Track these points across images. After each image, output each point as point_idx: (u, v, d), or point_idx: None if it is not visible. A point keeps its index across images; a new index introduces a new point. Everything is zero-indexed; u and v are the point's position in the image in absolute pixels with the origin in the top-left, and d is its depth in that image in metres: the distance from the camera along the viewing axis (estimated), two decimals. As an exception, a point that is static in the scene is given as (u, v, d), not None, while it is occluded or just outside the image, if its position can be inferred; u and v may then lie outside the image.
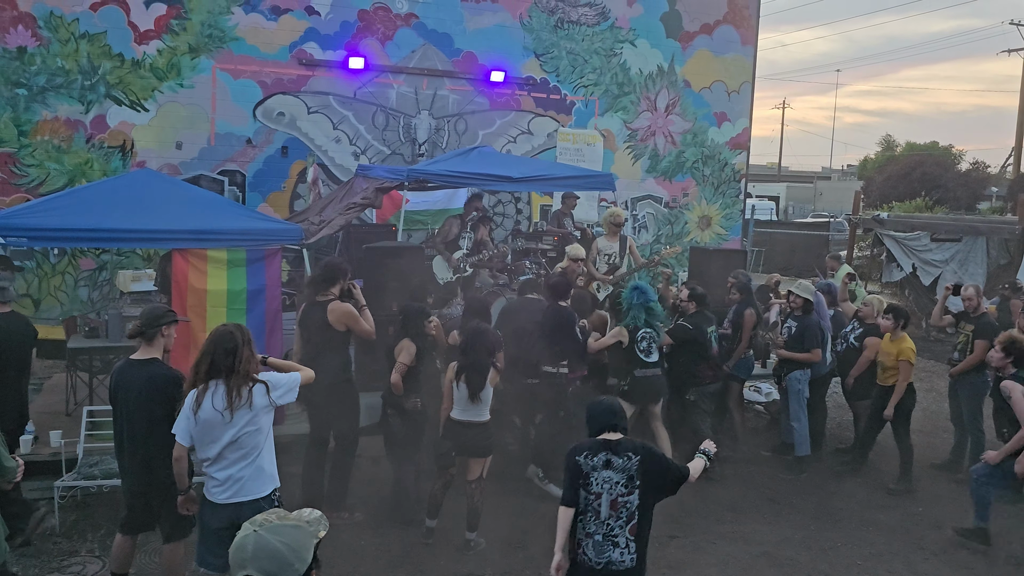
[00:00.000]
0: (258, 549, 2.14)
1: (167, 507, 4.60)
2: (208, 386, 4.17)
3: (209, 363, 4.17)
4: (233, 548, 2.20)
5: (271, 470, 4.32)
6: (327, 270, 6.12)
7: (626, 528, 3.92)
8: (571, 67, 12.67)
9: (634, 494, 3.93)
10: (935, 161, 36.68)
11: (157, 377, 4.54)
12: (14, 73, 10.03)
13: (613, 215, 9.34)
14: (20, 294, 10.10)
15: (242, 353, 4.19)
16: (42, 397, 8.35)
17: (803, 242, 22.92)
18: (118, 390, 4.59)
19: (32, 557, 5.46)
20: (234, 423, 4.14)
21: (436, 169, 8.54)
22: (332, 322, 5.93)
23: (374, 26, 11.57)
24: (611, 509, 3.92)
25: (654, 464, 3.99)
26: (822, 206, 41.16)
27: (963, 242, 13.68)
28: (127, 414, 4.56)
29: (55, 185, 10.21)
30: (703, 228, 13.80)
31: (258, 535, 2.16)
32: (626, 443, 4.03)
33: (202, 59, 10.78)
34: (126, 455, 4.63)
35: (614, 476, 3.94)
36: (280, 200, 11.28)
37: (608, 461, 3.96)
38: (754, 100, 13.90)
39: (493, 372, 5.78)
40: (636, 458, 3.95)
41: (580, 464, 3.98)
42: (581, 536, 3.97)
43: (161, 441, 4.45)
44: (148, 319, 4.62)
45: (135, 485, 4.68)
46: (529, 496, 6.65)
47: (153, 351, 4.62)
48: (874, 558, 6.09)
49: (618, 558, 3.93)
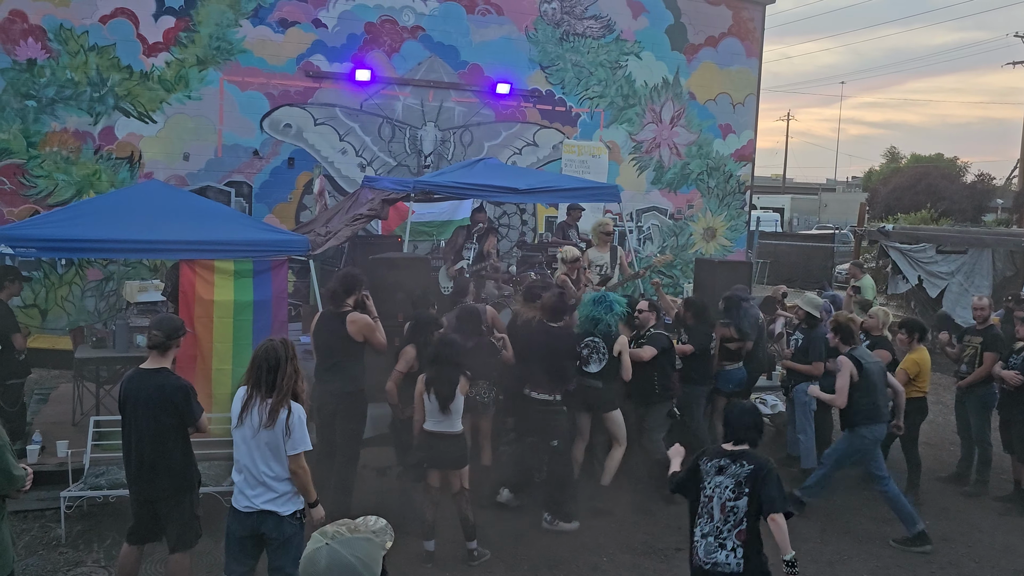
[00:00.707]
0: (331, 563, 2.11)
1: (174, 516, 4.64)
2: (252, 398, 4.26)
3: (254, 377, 4.27)
4: (304, 561, 2.16)
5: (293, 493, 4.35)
6: (345, 281, 6.14)
7: (734, 532, 4.06)
8: (576, 79, 12.72)
9: (742, 499, 4.07)
10: (940, 173, 36.68)
11: (167, 387, 4.57)
12: (24, 85, 10.10)
13: (602, 224, 9.25)
14: (27, 304, 10.16)
15: (285, 369, 4.25)
16: (49, 407, 8.36)
17: (808, 254, 22.91)
18: (127, 399, 4.62)
19: (38, 567, 5.46)
20: (263, 435, 4.23)
21: (442, 181, 8.56)
22: (352, 333, 5.95)
23: (381, 38, 11.64)
24: (721, 513, 4.10)
25: (764, 478, 4.08)
26: (827, 218, 41.16)
27: (969, 254, 13.64)
28: (136, 422, 4.59)
29: (63, 196, 10.27)
30: (708, 240, 13.80)
31: (331, 548, 2.13)
32: (746, 454, 4.18)
33: (210, 71, 10.85)
34: (133, 463, 4.65)
35: (724, 481, 4.13)
36: (286, 211, 11.33)
37: (721, 467, 4.17)
38: (759, 112, 13.96)
39: (463, 382, 5.70)
40: (749, 467, 4.11)
41: (700, 466, 4.25)
42: (696, 537, 4.17)
43: (168, 449, 4.51)
44: (169, 330, 4.68)
45: (142, 493, 4.69)
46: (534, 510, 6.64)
47: (164, 361, 4.67)
48: (881, 571, 6.06)
49: (723, 560, 4.06)
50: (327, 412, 6.09)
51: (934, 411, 10.38)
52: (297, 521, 4.37)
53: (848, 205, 39.39)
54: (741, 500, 4.06)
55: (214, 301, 6.66)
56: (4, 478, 3.77)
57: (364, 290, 6.22)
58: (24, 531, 5.96)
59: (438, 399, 5.60)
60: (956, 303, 13.54)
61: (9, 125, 10.08)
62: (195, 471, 4.75)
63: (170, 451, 4.53)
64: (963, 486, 7.74)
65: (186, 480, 4.66)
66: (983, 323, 7.82)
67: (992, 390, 7.61)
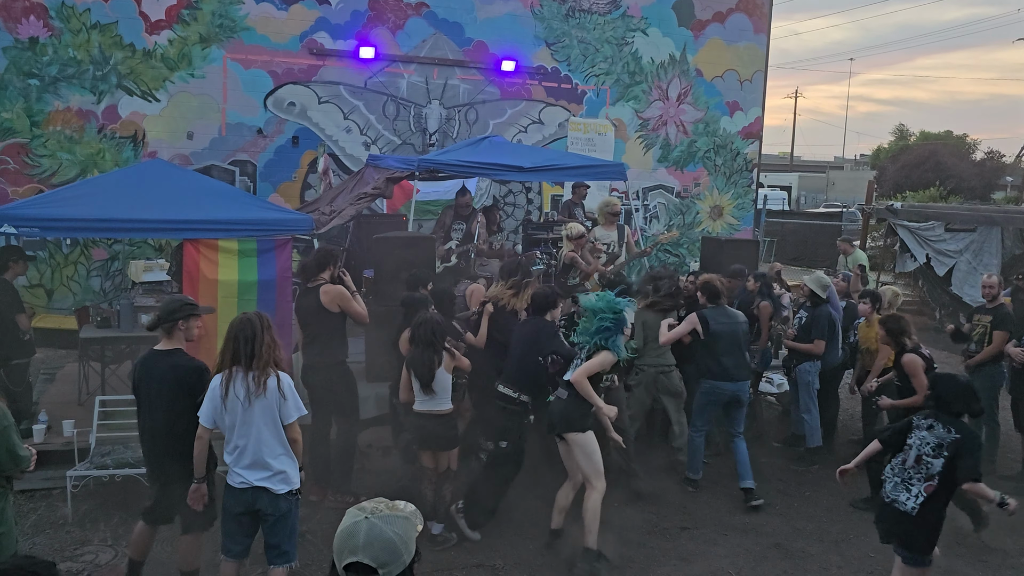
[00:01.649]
0: (371, 537, 2.12)
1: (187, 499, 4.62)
2: (232, 372, 4.28)
3: (232, 350, 4.29)
4: (341, 534, 2.17)
5: (291, 469, 4.38)
6: (318, 256, 6.35)
7: (923, 484, 4.52)
8: (582, 56, 12.60)
9: (939, 459, 4.48)
10: (949, 150, 36.42)
11: (179, 367, 4.56)
12: (26, 64, 10.06)
13: (608, 204, 9.22)
14: (32, 284, 10.17)
15: (262, 339, 4.29)
16: (54, 387, 8.40)
17: (815, 232, 22.80)
18: (141, 380, 4.61)
19: (45, 546, 5.49)
20: (252, 409, 4.26)
21: (447, 159, 8.51)
22: (326, 304, 6.09)
23: (385, 15, 11.53)
24: (916, 463, 4.56)
25: (967, 449, 4.44)
26: (835, 196, 40.91)
27: (977, 232, 13.52)
28: (150, 404, 4.59)
29: (67, 175, 10.25)
30: (715, 218, 13.73)
31: (371, 523, 2.13)
32: (958, 423, 4.55)
33: (213, 49, 10.78)
34: (148, 444, 4.67)
35: (928, 438, 4.56)
36: (291, 190, 11.30)
37: (931, 426, 4.57)
38: (766, 89, 13.80)
39: (448, 359, 5.59)
40: (956, 435, 4.47)
41: (912, 421, 4.67)
42: (888, 475, 4.71)
43: (182, 430, 4.50)
44: (163, 312, 4.64)
45: (157, 474, 4.71)
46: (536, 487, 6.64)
47: (174, 342, 4.64)
48: (886, 550, 6.01)
49: (903, 500, 4.57)
50: (314, 385, 6.24)
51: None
52: (293, 498, 4.41)
53: (856, 183, 39.14)
54: (938, 460, 4.47)
55: (218, 280, 6.65)
56: (9, 458, 3.78)
57: (340, 266, 6.40)
58: (31, 510, 6.00)
59: (419, 380, 5.57)
60: (964, 281, 13.46)
61: (12, 104, 10.04)
62: (211, 454, 4.67)
63: (184, 433, 4.49)
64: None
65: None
66: (992, 301, 7.75)
67: (1001, 369, 7.56)
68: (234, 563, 4.51)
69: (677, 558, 5.76)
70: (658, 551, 5.87)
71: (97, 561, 5.37)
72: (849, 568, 5.78)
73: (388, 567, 2.12)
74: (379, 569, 2.11)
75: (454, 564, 5.54)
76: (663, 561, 5.74)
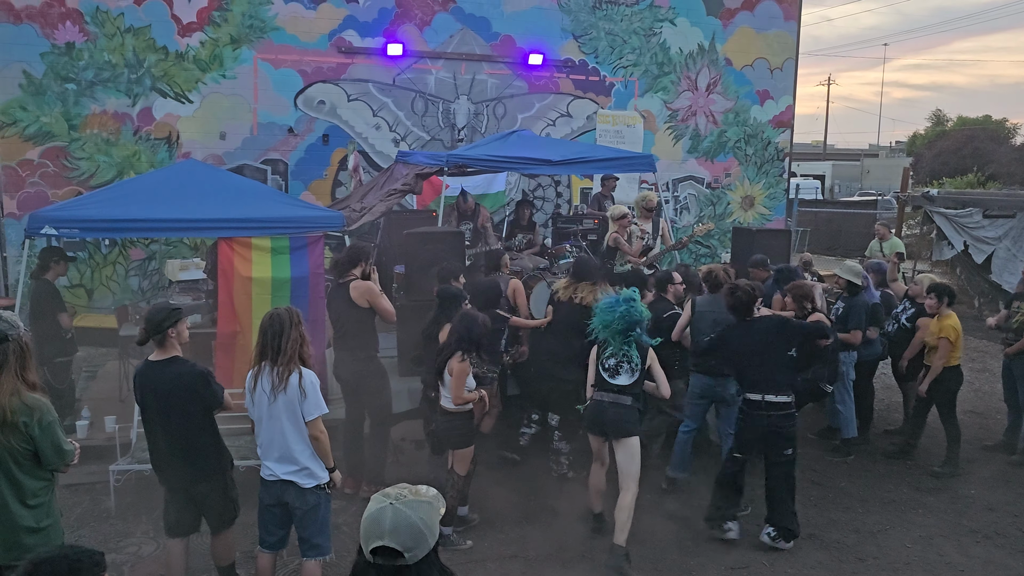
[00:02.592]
0: (397, 522, 2.17)
1: (211, 499, 4.64)
2: (262, 368, 4.37)
3: (261, 345, 4.37)
4: (366, 520, 2.22)
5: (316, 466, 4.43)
6: (349, 252, 6.44)
7: None
8: (610, 48, 12.55)
9: None
10: (988, 135, 35.69)
11: (185, 375, 4.46)
12: (63, 68, 10.27)
13: (645, 199, 9.27)
14: (73, 284, 10.39)
15: (290, 334, 4.33)
16: (96, 384, 8.59)
17: (850, 221, 22.48)
18: (145, 393, 4.52)
19: (89, 539, 5.63)
20: (276, 404, 4.33)
21: (475, 154, 8.54)
22: (355, 299, 6.18)
23: (412, 12, 11.59)
24: None
25: None
26: (869, 184, 40.28)
27: (1017, 218, 13.24)
28: (161, 415, 4.51)
29: (105, 177, 10.45)
30: (746, 208, 13.61)
31: (396, 508, 2.19)
32: None
33: (243, 50, 10.92)
34: (163, 454, 4.59)
35: None
36: (322, 188, 11.41)
37: None
38: (798, 77, 13.64)
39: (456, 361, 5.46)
40: None
41: None
42: None
43: (197, 436, 4.52)
44: (151, 324, 4.46)
45: (176, 481, 4.63)
46: (564, 481, 6.67)
47: (170, 351, 4.50)
48: (923, 541, 6.00)
49: None
50: (345, 379, 6.36)
51: (980, 379, 10.21)
52: (321, 491, 4.45)
53: (892, 171, 38.44)
54: None
55: (252, 278, 6.75)
56: (55, 452, 3.88)
57: (371, 263, 6.48)
58: (76, 504, 6.16)
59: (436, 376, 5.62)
60: (1004, 268, 13.21)
61: (51, 108, 10.26)
62: (226, 452, 4.73)
63: (199, 437, 4.51)
64: (1010, 455, 7.60)
65: (219, 463, 4.65)
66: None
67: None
68: (270, 554, 4.60)
69: (711, 549, 5.75)
70: (691, 541, 5.87)
71: (140, 553, 5.51)
72: (886, 559, 5.72)
73: (414, 551, 2.17)
74: (405, 553, 2.15)
75: (488, 555, 5.58)
76: (695, 552, 5.74)
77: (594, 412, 5.56)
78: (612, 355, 5.54)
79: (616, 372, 5.51)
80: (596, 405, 5.55)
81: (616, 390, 5.49)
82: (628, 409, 5.48)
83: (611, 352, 5.54)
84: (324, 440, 4.44)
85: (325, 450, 4.46)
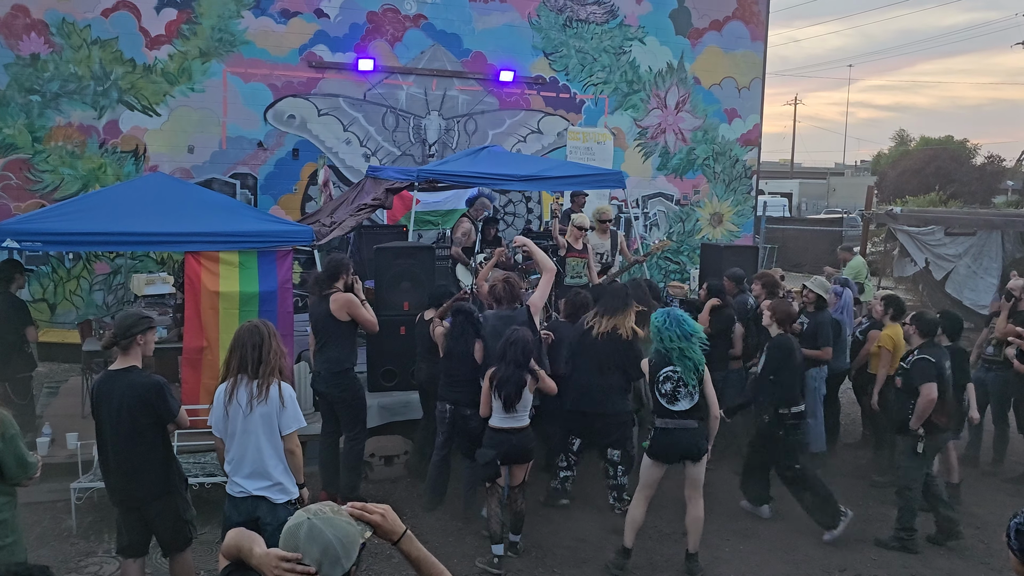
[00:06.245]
0: (310, 537, 2.14)
1: (161, 520, 4.52)
2: (237, 380, 4.30)
3: (239, 357, 4.29)
4: (285, 533, 2.20)
5: (288, 481, 4.38)
6: (330, 266, 6.37)
7: None
8: (580, 65, 12.67)
9: None
10: (950, 155, 36.48)
11: (138, 385, 4.37)
12: (28, 80, 10.13)
13: (600, 212, 9.23)
14: (36, 298, 10.21)
15: (270, 345, 4.30)
16: (59, 400, 8.42)
17: (816, 238, 22.81)
18: (100, 403, 4.43)
19: (50, 558, 5.51)
20: (252, 417, 4.26)
21: (446, 169, 8.56)
22: (335, 311, 6.14)
23: (383, 28, 11.61)
24: None
25: None
26: (835, 202, 40.93)
27: (977, 236, 13.53)
28: (110, 426, 4.41)
29: (69, 190, 10.30)
30: (715, 225, 13.76)
31: (312, 523, 2.16)
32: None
33: (213, 63, 10.85)
34: (113, 470, 4.48)
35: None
36: (292, 202, 11.34)
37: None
38: (765, 96, 13.84)
39: (531, 381, 5.56)
40: None
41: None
42: None
43: (147, 451, 4.42)
44: (121, 328, 4.43)
45: (126, 500, 4.52)
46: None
47: (131, 359, 4.44)
48: (888, 553, 6.06)
49: None
50: (323, 392, 6.34)
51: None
52: (292, 507, 4.37)
53: (857, 189, 39.14)
54: None
55: (219, 292, 6.69)
56: (18, 465, 3.81)
57: (352, 274, 6.40)
58: (35, 522, 6.02)
59: (503, 399, 5.50)
60: (963, 285, 13.48)
61: (14, 120, 10.11)
62: (179, 470, 4.61)
63: (150, 452, 4.39)
64: (974, 467, 7.72)
65: (169, 481, 4.52)
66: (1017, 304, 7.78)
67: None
68: None
69: (680, 563, 5.75)
70: (660, 557, 5.88)
71: (101, 572, 5.40)
72: (852, 570, 5.78)
73: (325, 569, 2.13)
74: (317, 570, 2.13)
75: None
76: (665, 567, 5.74)
77: (662, 440, 5.54)
78: (667, 378, 5.47)
79: (674, 398, 5.48)
80: (662, 433, 5.53)
81: (678, 415, 5.49)
82: (696, 432, 5.52)
83: (666, 375, 5.47)
84: (298, 455, 4.41)
85: (298, 465, 4.42)
